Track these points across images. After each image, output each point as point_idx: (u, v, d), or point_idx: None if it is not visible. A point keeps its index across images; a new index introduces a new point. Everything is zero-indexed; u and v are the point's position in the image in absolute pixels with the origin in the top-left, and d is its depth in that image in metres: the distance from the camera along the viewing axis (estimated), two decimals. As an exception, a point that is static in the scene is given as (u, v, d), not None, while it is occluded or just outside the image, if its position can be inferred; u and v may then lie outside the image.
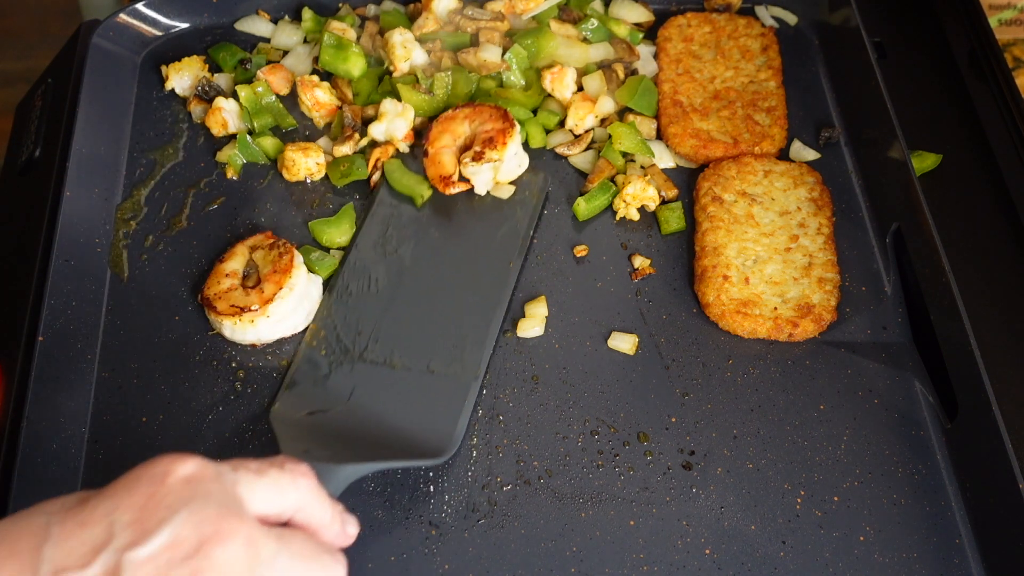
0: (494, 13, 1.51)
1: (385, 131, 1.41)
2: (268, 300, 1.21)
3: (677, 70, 1.50)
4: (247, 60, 1.50)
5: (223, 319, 1.22)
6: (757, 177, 1.37)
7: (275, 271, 1.23)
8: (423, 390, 1.18)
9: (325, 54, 1.46)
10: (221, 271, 1.26)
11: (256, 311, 1.21)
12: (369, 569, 1.07)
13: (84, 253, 1.30)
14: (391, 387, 1.18)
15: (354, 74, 1.47)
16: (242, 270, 1.26)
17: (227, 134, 1.44)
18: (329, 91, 1.45)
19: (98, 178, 1.38)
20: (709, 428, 1.18)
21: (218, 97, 1.44)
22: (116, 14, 1.52)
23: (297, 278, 1.23)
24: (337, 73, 1.48)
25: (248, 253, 1.27)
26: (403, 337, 1.22)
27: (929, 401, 1.20)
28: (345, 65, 1.46)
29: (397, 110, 1.41)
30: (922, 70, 1.52)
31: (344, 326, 1.23)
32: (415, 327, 1.23)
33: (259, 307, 1.21)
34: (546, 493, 1.13)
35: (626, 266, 1.32)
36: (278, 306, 1.22)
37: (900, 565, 1.08)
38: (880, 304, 1.28)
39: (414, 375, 1.19)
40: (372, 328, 1.23)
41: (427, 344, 1.22)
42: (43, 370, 1.18)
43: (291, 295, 1.22)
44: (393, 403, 1.16)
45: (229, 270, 1.26)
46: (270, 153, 1.41)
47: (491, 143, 1.33)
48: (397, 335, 1.23)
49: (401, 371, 1.19)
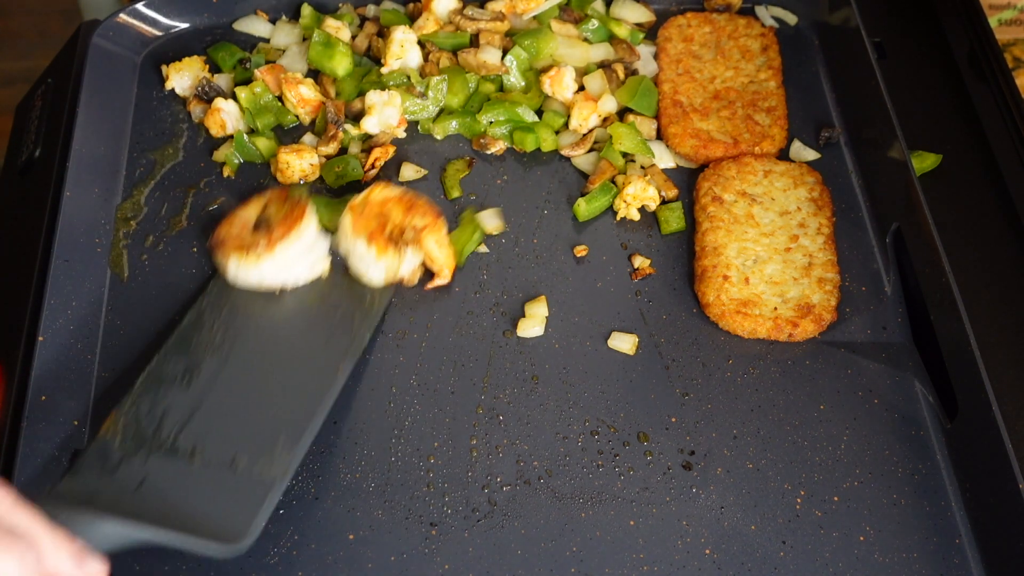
0: (494, 13, 1.51)
1: (378, 123, 1.41)
2: (276, 241, 1.23)
3: (677, 70, 1.50)
4: (246, 60, 1.50)
5: (230, 255, 1.25)
6: (757, 177, 1.37)
7: (287, 218, 1.25)
8: (220, 486, 1.08)
9: (313, 51, 1.46)
10: (234, 217, 1.29)
11: (262, 250, 1.23)
12: (369, 569, 1.07)
13: (84, 253, 1.30)
14: (185, 480, 1.09)
15: (339, 73, 1.47)
16: (255, 219, 1.28)
17: (226, 135, 1.44)
18: (313, 87, 1.45)
19: (98, 178, 1.37)
20: (709, 428, 1.18)
21: (217, 98, 1.44)
22: (116, 14, 1.52)
23: (307, 227, 1.26)
24: (323, 71, 1.48)
25: (262, 206, 1.29)
26: (211, 430, 1.13)
27: (929, 401, 1.20)
28: (331, 63, 1.46)
29: (384, 99, 1.41)
30: (922, 70, 1.52)
31: (148, 414, 1.14)
32: (226, 420, 1.14)
33: (267, 246, 1.23)
34: (546, 493, 1.13)
35: (626, 266, 1.32)
36: (285, 249, 1.23)
37: (900, 565, 1.08)
38: (880, 304, 1.28)
39: (213, 469, 1.09)
40: (179, 418, 1.14)
41: (235, 438, 1.12)
42: (43, 370, 1.18)
43: (299, 241, 1.24)
44: (185, 497, 1.07)
45: (242, 217, 1.28)
46: (265, 154, 1.41)
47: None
48: (204, 427, 1.13)
49: (199, 465, 1.10)
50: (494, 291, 1.29)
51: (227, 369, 1.19)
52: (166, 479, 1.08)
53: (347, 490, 1.12)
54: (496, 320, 1.27)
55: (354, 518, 1.11)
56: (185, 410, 1.14)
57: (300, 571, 1.07)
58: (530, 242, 1.34)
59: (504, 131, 1.43)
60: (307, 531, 1.09)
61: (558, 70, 1.46)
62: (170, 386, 1.17)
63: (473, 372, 1.22)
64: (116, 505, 1.03)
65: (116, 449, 1.11)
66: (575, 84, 1.46)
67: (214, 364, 1.19)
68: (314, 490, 1.12)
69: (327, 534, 1.09)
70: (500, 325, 1.26)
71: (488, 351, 1.24)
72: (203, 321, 1.24)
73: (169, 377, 1.18)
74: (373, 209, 1.29)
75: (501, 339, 1.25)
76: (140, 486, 1.07)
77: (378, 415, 1.18)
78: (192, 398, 1.16)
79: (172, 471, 1.09)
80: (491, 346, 1.24)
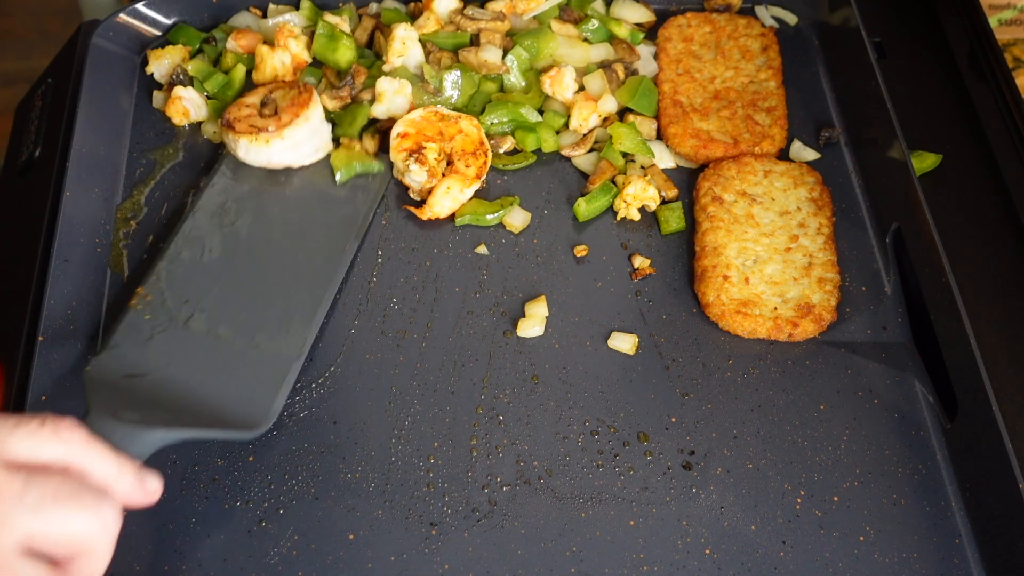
0: (495, 13, 1.51)
1: (387, 110, 1.42)
2: (285, 125, 1.33)
3: (677, 70, 1.50)
4: (211, 39, 1.52)
5: (240, 137, 1.33)
6: (757, 177, 1.37)
7: (293, 104, 1.35)
8: (244, 363, 1.17)
9: (317, 43, 1.47)
10: (242, 101, 1.37)
11: (272, 132, 1.32)
12: (369, 569, 1.07)
13: (84, 253, 1.30)
14: (212, 357, 1.17)
15: (342, 65, 1.47)
16: (260, 102, 1.37)
17: (190, 122, 1.45)
18: (303, 45, 1.48)
19: (98, 178, 1.37)
20: (709, 428, 1.18)
21: (176, 86, 1.44)
22: (116, 14, 1.52)
23: (313, 111, 1.35)
24: (327, 62, 1.48)
25: (268, 91, 1.38)
26: (231, 309, 1.22)
27: (929, 401, 1.20)
28: (334, 56, 1.47)
29: (394, 87, 1.42)
30: (922, 70, 1.52)
31: (172, 293, 1.23)
32: (244, 300, 1.23)
33: (275, 129, 1.32)
34: (546, 493, 1.13)
35: (626, 266, 1.32)
36: (293, 131, 1.33)
37: (900, 565, 1.08)
38: (880, 304, 1.28)
39: (237, 347, 1.18)
40: (200, 297, 1.23)
41: (254, 318, 1.21)
42: (43, 370, 1.18)
43: (306, 124, 1.34)
44: (212, 373, 1.15)
45: (249, 101, 1.37)
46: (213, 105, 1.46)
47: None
48: (225, 307, 1.22)
49: (224, 342, 1.19)
50: (494, 291, 1.29)
51: (241, 247, 1.28)
52: (195, 356, 1.17)
53: (347, 490, 1.12)
54: (496, 320, 1.27)
55: (354, 518, 1.11)
56: (204, 290, 1.23)
57: (300, 571, 1.07)
58: (530, 242, 1.34)
59: (507, 130, 1.44)
60: (307, 531, 1.09)
61: (558, 70, 1.46)
62: (190, 264, 1.26)
63: (473, 372, 1.22)
64: (153, 399, 1.10)
65: (147, 323, 1.19)
66: (575, 84, 1.46)
67: (229, 242, 1.28)
68: (314, 490, 1.12)
69: (327, 534, 1.09)
70: (500, 325, 1.26)
71: (488, 351, 1.24)
72: (215, 200, 1.33)
73: (189, 255, 1.27)
74: (447, 121, 1.39)
75: (501, 339, 1.25)
76: (170, 362, 1.15)
77: (378, 415, 1.18)
78: (211, 275, 1.25)
79: (200, 349, 1.17)
80: (491, 346, 1.24)
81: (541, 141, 1.42)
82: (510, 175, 1.41)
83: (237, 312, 1.21)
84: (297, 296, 1.24)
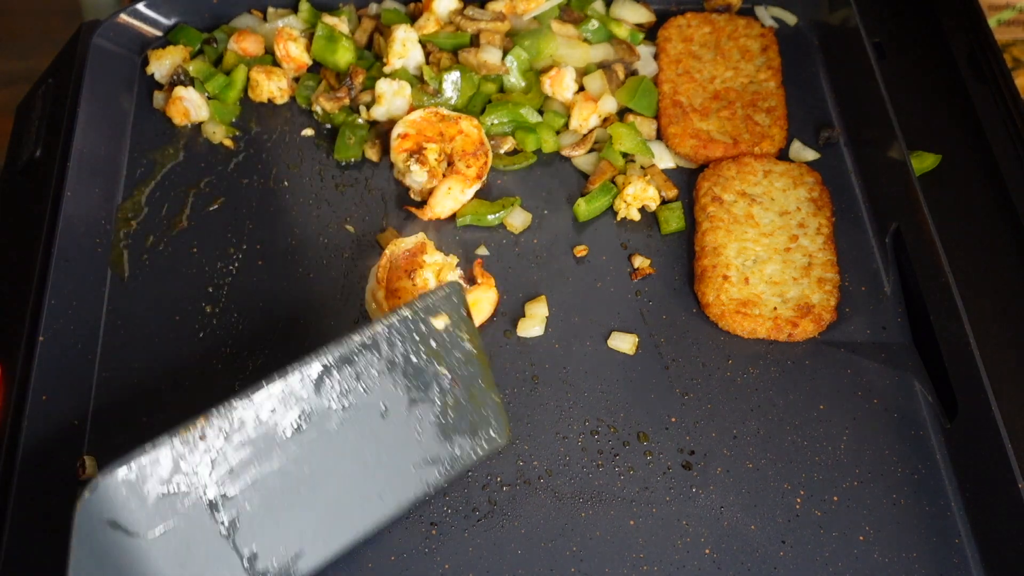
0: (495, 13, 1.51)
1: (386, 112, 1.43)
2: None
3: (677, 70, 1.50)
4: (212, 39, 1.52)
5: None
6: (757, 177, 1.37)
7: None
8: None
9: (316, 44, 1.48)
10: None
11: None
12: (369, 569, 1.07)
13: (84, 253, 1.30)
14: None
15: (341, 66, 1.48)
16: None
17: (191, 123, 1.45)
18: (302, 48, 1.48)
19: (98, 178, 1.38)
20: (709, 428, 1.18)
21: (177, 86, 1.44)
22: (116, 14, 1.52)
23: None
24: (326, 64, 1.49)
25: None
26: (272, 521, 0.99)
27: (929, 401, 1.20)
28: (333, 57, 1.47)
29: (393, 89, 1.42)
30: (922, 70, 1.52)
31: (233, 447, 0.97)
32: (288, 511, 1.00)
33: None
34: (546, 493, 1.13)
35: (626, 266, 1.32)
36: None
37: (900, 565, 1.08)
38: (880, 304, 1.28)
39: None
40: (256, 480, 0.98)
41: (286, 535, 1.00)
42: (43, 370, 1.18)
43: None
44: None
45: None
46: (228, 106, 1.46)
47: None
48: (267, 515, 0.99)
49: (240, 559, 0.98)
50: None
51: (321, 449, 1.01)
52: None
53: (347, 490, 1.12)
54: (496, 320, 1.27)
55: (354, 518, 1.10)
56: (266, 474, 0.98)
57: (300, 571, 1.07)
58: (530, 242, 1.35)
59: (507, 131, 1.44)
60: (307, 531, 1.09)
61: (558, 70, 1.46)
62: (268, 434, 0.98)
63: (473, 372, 1.22)
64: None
65: (170, 473, 0.95)
66: (575, 84, 1.46)
67: (316, 432, 1.00)
68: (314, 490, 1.12)
69: (327, 534, 1.09)
70: (500, 325, 1.26)
71: (488, 351, 1.24)
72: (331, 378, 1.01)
73: (272, 422, 0.99)
74: (447, 120, 1.38)
75: (501, 339, 1.25)
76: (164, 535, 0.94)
77: (378, 415, 1.18)
78: (281, 461, 0.99)
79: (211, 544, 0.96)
80: (491, 346, 1.24)
81: (541, 141, 1.43)
82: (510, 175, 1.41)
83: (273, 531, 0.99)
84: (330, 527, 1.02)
